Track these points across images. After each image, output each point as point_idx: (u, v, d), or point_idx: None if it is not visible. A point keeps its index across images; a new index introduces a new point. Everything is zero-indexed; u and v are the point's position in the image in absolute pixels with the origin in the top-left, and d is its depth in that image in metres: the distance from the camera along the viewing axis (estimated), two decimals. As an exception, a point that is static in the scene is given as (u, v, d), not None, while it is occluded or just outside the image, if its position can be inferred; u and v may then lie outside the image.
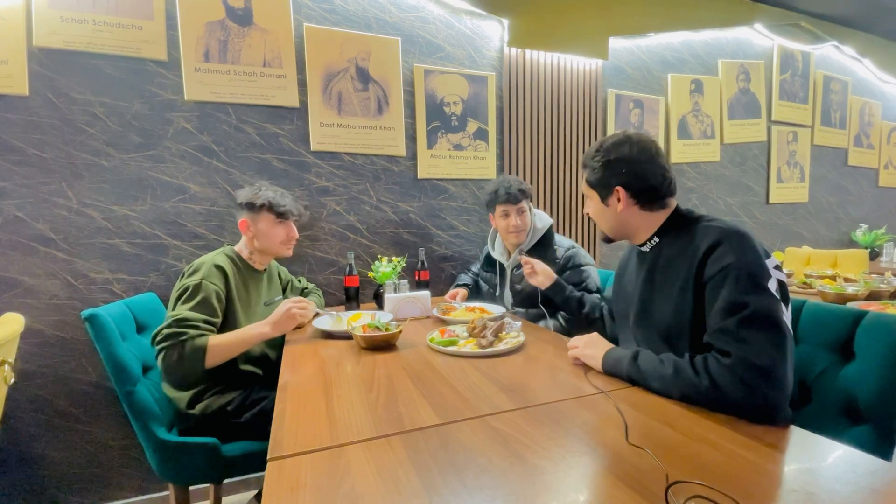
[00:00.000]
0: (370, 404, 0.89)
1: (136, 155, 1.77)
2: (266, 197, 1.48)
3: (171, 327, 1.21)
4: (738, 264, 0.86)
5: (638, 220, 1.08)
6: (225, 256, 1.44)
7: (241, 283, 1.45)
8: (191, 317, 1.24)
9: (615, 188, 1.06)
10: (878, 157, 3.84)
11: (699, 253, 0.93)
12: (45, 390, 1.67)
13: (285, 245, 1.55)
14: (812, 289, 2.13)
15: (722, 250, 0.89)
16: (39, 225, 1.66)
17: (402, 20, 2.16)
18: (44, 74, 1.64)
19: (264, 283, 1.58)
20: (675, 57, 2.89)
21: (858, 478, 0.60)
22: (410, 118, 2.21)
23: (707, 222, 0.99)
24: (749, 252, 0.87)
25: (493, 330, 1.28)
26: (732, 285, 0.85)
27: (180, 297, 1.29)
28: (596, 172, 1.09)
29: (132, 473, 1.79)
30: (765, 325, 0.81)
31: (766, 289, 0.83)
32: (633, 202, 1.06)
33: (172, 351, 1.19)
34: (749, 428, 0.74)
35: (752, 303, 0.82)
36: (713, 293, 0.88)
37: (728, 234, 0.91)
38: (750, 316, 0.81)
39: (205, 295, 1.29)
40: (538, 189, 2.48)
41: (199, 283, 1.30)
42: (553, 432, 0.75)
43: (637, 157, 1.04)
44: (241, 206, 1.49)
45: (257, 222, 1.49)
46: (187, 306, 1.26)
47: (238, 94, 1.89)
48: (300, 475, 0.65)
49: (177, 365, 1.19)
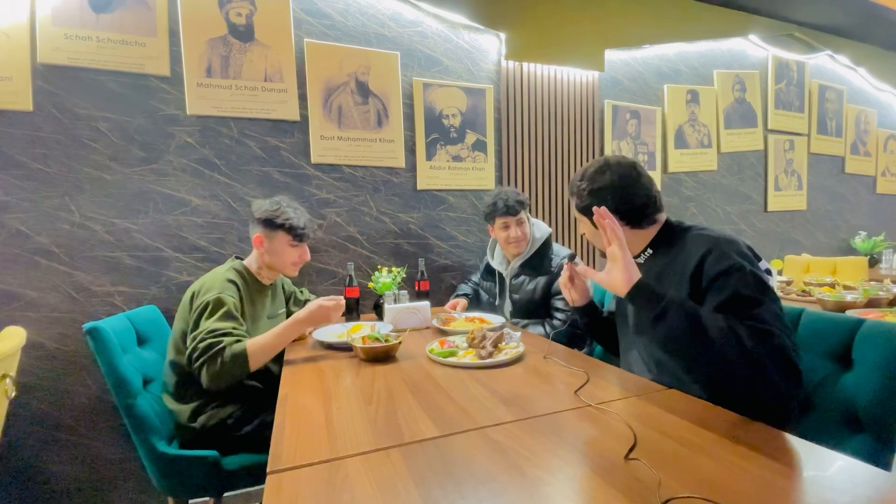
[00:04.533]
0: (369, 416, 0.89)
1: (138, 169, 1.79)
2: (286, 216, 1.46)
3: (204, 340, 1.20)
4: (742, 265, 0.89)
5: (629, 237, 1.10)
6: (234, 271, 1.44)
7: (248, 298, 1.45)
8: (221, 327, 1.24)
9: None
10: (875, 165, 3.86)
11: (693, 260, 0.96)
12: (45, 403, 1.67)
13: (295, 266, 1.55)
14: (811, 296, 2.13)
15: (718, 254, 0.92)
16: (42, 238, 1.67)
17: (401, 35, 2.20)
18: (48, 90, 1.67)
19: (269, 298, 1.59)
20: (671, 68, 2.92)
21: (856, 487, 0.60)
22: (410, 130, 2.23)
23: (697, 231, 1.03)
24: (746, 257, 0.92)
25: (493, 340, 1.28)
26: (739, 283, 0.88)
27: (202, 314, 1.28)
28: (584, 201, 1.13)
29: (132, 487, 1.78)
30: (781, 320, 0.86)
31: (771, 289, 0.89)
32: (622, 223, 1.08)
33: (214, 361, 1.18)
34: (748, 438, 0.74)
35: (766, 300, 0.86)
36: (716, 294, 0.90)
37: (720, 241, 0.95)
38: (770, 309, 0.85)
39: (227, 308, 1.29)
40: (537, 199, 2.50)
41: (218, 297, 1.30)
42: (552, 444, 0.75)
43: (619, 182, 1.08)
44: (258, 221, 1.47)
45: (273, 240, 1.48)
46: (213, 319, 1.25)
47: (239, 108, 1.91)
48: (299, 488, 0.65)
49: (220, 373, 1.18)
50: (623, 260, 0.95)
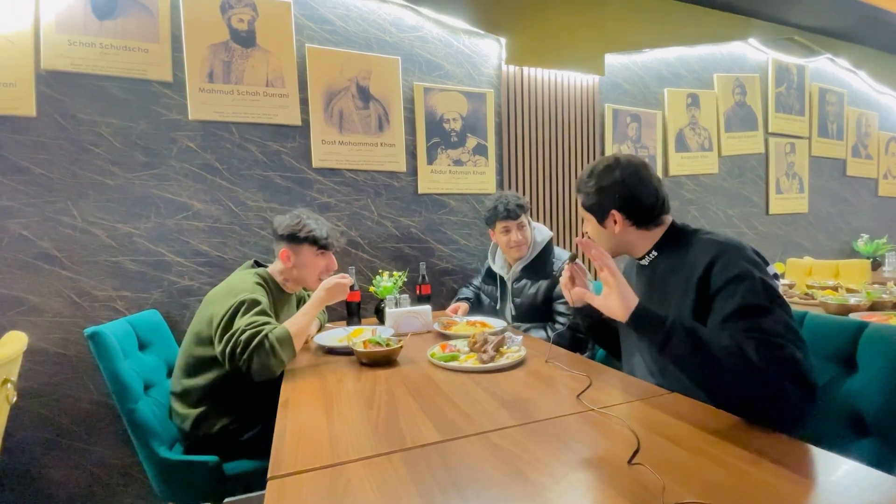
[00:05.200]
0: (371, 421, 0.89)
1: (140, 174, 1.79)
2: (309, 229, 1.46)
3: (244, 332, 1.18)
4: (749, 272, 0.88)
5: (635, 238, 1.09)
6: (259, 277, 1.44)
7: (273, 304, 1.45)
8: (257, 320, 1.23)
9: (610, 212, 1.08)
10: (877, 167, 3.86)
11: (700, 265, 0.94)
12: (46, 408, 1.67)
13: (324, 276, 1.51)
14: (814, 300, 2.12)
15: (726, 261, 0.91)
16: (44, 243, 1.67)
17: (402, 40, 2.21)
18: (51, 96, 1.68)
19: (293, 306, 1.60)
20: (671, 72, 2.93)
21: (863, 493, 0.59)
22: (411, 135, 2.24)
23: (704, 235, 1.01)
24: (754, 263, 0.90)
25: (494, 344, 1.28)
26: (748, 292, 0.86)
27: (236, 313, 1.25)
28: (590, 198, 1.11)
29: (133, 492, 1.77)
30: (792, 327, 0.84)
31: (780, 296, 0.87)
32: (628, 223, 1.08)
33: (260, 349, 1.16)
34: (753, 442, 0.73)
35: (775, 308, 0.84)
36: (724, 302, 0.89)
37: (728, 247, 0.93)
38: (780, 318, 0.84)
39: (262, 306, 1.29)
40: (538, 203, 2.50)
41: (252, 297, 1.29)
42: (555, 449, 0.75)
43: (628, 180, 1.06)
44: (282, 237, 1.46)
45: (299, 254, 1.48)
46: (248, 316, 1.24)
47: (241, 113, 1.92)
48: (301, 494, 0.64)
49: (269, 360, 1.17)
50: (617, 287, 0.91)
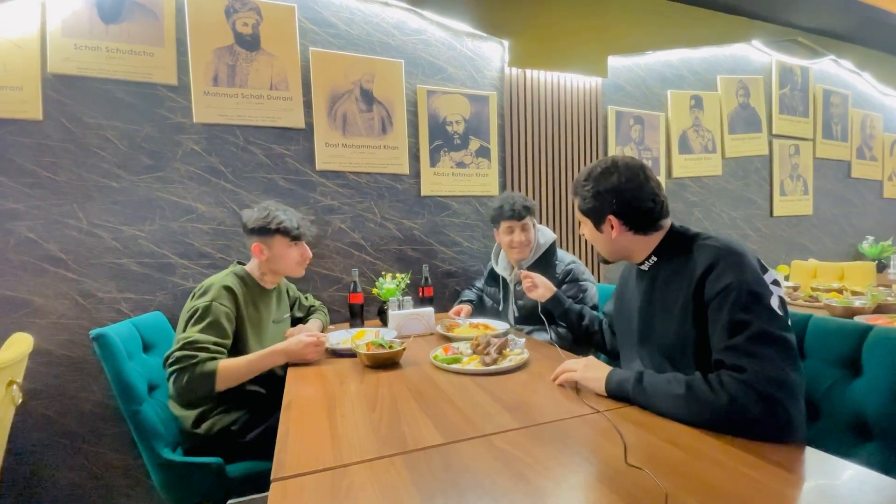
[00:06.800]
0: (373, 423, 0.89)
1: (145, 176, 1.81)
2: (278, 220, 1.47)
3: (181, 350, 1.21)
4: (738, 283, 0.86)
5: (633, 243, 1.08)
6: (235, 276, 1.45)
7: (250, 303, 1.46)
8: (200, 339, 1.24)
9: (607, 216, 1.07)
10: (882, 169, 3.83)
11: (696, 273, 0.93)
12: (51, 410, 1.68)
13: (300, 265, 1.56)
14: (819, 302, 2.11)
15: (719, 270, 0.89)
16: (50, 245, 1.69)
17: (405, 43, 2.22)
18: (57, 100, 1.70)
19: (273, 302, 1.59)
20: (674, 74, 2.93)
21: (866, 497, 0.59)
22: (414, 137, 2.25)
23: (703, 240, 0.99)
24: (748, 271, 0.87)
25: (497, 347, 1.28)
26: (735, 304, 0.85)
27: (190, 319, 1.30)
28: (587, 202, 1.09)
29: (137, 494, 1.78)
30: (772, 339, 0.81)
31: (768, 306, 0.84)
32: (626, 228, 1.06)
33: (182, 375, 1.19)
34: (754, 446, 0.73)
35: (755, 321, 0.82)
36: (716, 314, 0.88)
37: (724, 254, 0.91)
38: (757, 333, 0.81)
39: (214, 317, 1.30)
40: (541, 205, 2.50)
41: (208, 304, 1.31)
42: (557, 452, 0.75)
43: (626, 185, 1.04)
44: (252, 231, 1.48)
45: (271, 246, 1.49)
46: (197, 328, 1.27)
47: (245, 116, 1.94)
48: (303, 496, 0.65)
49: (187, 388, 1.19)
50: (584, 370, 1.03)
